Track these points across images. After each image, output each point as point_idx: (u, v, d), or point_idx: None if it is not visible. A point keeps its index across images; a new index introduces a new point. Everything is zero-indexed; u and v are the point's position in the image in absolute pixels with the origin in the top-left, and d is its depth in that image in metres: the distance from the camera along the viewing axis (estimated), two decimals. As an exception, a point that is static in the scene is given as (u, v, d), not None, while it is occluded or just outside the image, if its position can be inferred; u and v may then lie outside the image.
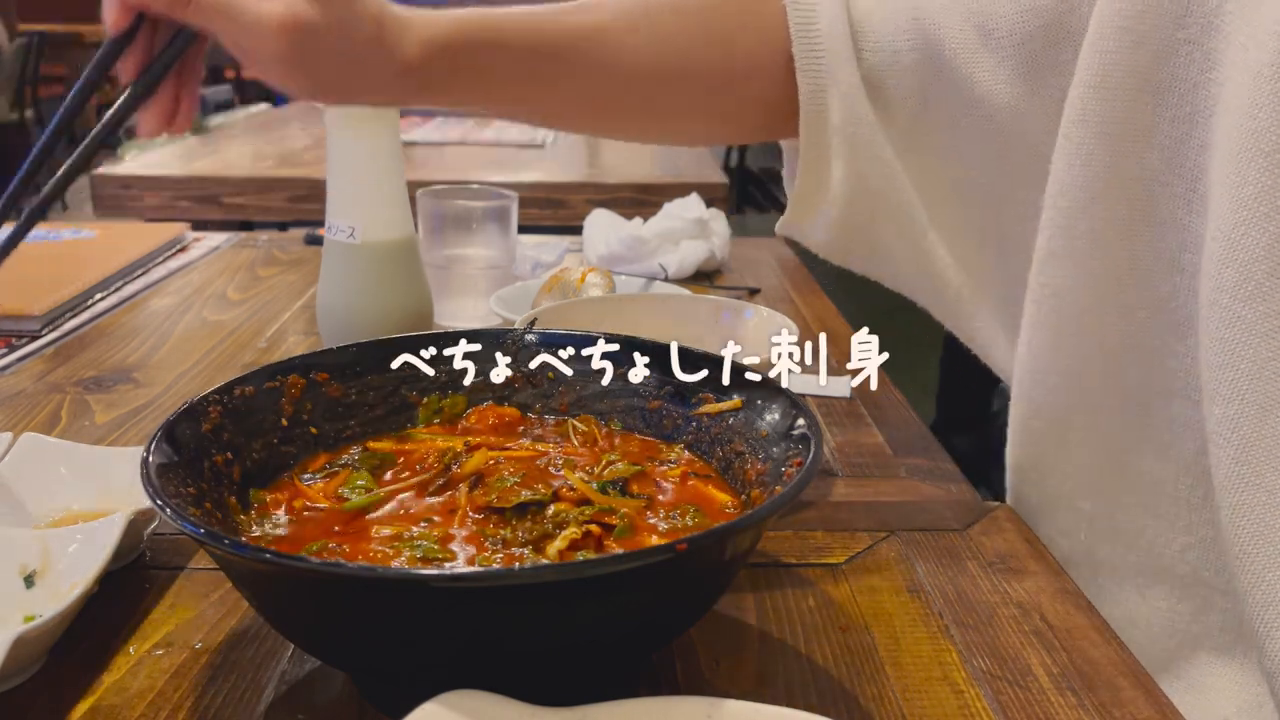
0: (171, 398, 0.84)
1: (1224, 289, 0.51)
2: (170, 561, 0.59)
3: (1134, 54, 0.56)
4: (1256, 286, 0.50)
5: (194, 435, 0.50)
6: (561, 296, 0.88)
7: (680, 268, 1.18)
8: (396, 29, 0.62)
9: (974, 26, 0.64)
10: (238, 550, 0.40)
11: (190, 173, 1.82)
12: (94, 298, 1.09)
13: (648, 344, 0.60)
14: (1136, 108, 0.57)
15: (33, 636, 0.46)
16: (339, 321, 0.83)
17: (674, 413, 0.58)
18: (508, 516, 0.50)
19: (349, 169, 0.81)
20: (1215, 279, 0.52)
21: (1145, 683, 0.50)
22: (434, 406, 0.60)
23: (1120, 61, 0.56)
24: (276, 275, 1.22)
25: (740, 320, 0.73)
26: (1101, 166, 0.59)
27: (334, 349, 0.60)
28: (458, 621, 0.39)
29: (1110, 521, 0.65)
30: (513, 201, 1.05)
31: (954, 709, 0.48)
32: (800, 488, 0.45)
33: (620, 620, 0.42)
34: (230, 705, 0.47)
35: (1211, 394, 0.53)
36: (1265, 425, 0.50)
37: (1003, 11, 0.63)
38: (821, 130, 0.71)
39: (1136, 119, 0.57)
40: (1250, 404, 0.51)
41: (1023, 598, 0.57)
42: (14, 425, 0.77)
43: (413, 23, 0.63)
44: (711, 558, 0.43)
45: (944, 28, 0.65)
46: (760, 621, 0.54)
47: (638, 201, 1.78)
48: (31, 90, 5.30)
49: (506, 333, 0.63)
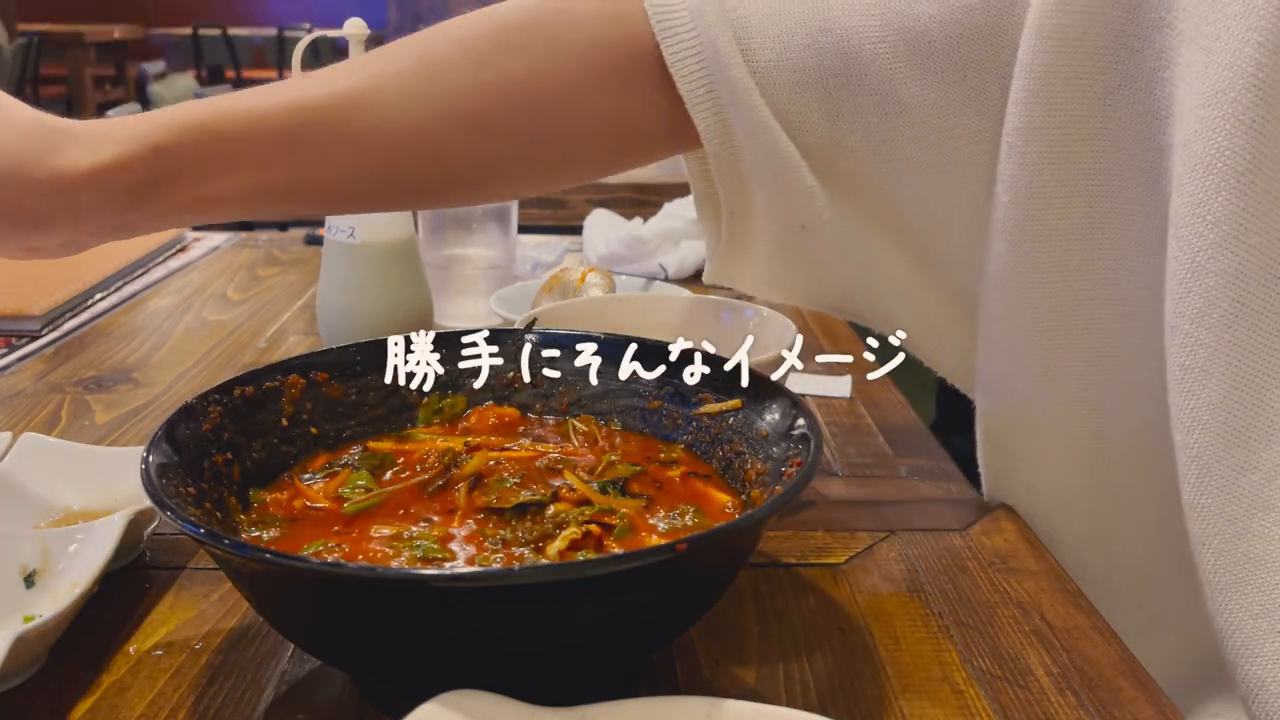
0: (171, 398, 0.84)
1: (1185, 315, 0.49)
2: (170, 561, 0.59)
3: (1079, 55, 0.53)
4: (1222, 315, 0.47)
5: (194, 435, 0.50)
6: (561, 296, 0.88)
7: (680, 268, 1.18)
8: (66, 136, 0.53)
9: (896, 32, 0.58)
10: (238, 550, 0.40)
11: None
12: (94, 298, 1.09)
13: (647, 344, 0.60)
14: (1084, 111, 0.54)
15: (33, 636, 0.46)
16: (339, 321, 0.83)
17: (674, 413, 0.58)
18: (508, 517, 0.50)
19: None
20: (1177, 303, 0.49)
21: (1145, 683, 0.50)
22: (434, 406, 0.60)
23: (1064, 64, 0.53)
24: (276, 275, 1.22)
25: (740, 320, 0.73)
26: (1050, 176, 0.56)
27: (334, 349, 0.60)
28: (458, 621, 0.39)
29: (1080, 529, 0.64)
30: (513, 202, 1.05)
31: (954, 709, 0.48)
32: (800, 488, 0.45)
33: (620, 620, 0.42)
34: (230, 705, 0.47)
35: (1174, 421, 0.51)
36: (1226, 457, 0.48)
37: (930, 13, 0.57)
38: (737, 172, 0.64)
39: (1085, 123, 0.54)
40: (1212, 434, 0.48)
41: (1023, 598, 0.57)
42: (14, 425, 0.77)
43: (103, 129, 0.54)
44: (711, 558, 0.43)
45: (861, 39, 0.59)
46: (760, 621, 0.54)
47: (638, 201, 1.78)
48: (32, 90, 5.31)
49: (506, 333, 0.63)
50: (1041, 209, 0.57)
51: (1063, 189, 0.56)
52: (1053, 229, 0.57)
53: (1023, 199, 0.57)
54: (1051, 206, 0.57)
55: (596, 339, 0.61)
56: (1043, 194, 0.56)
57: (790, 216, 0.65)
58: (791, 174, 0.63)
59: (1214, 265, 0.47)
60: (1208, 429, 0.49)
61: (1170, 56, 0.50)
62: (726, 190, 0.66)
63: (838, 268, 0.68)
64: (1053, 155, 0.55)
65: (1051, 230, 0.57)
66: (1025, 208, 0.57)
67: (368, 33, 0.79)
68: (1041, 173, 0.56)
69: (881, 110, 0.60)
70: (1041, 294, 0.59)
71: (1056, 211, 0.57)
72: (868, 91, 0.60)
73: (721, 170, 0.65)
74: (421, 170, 0.61)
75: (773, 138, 0.62)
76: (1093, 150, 0.55)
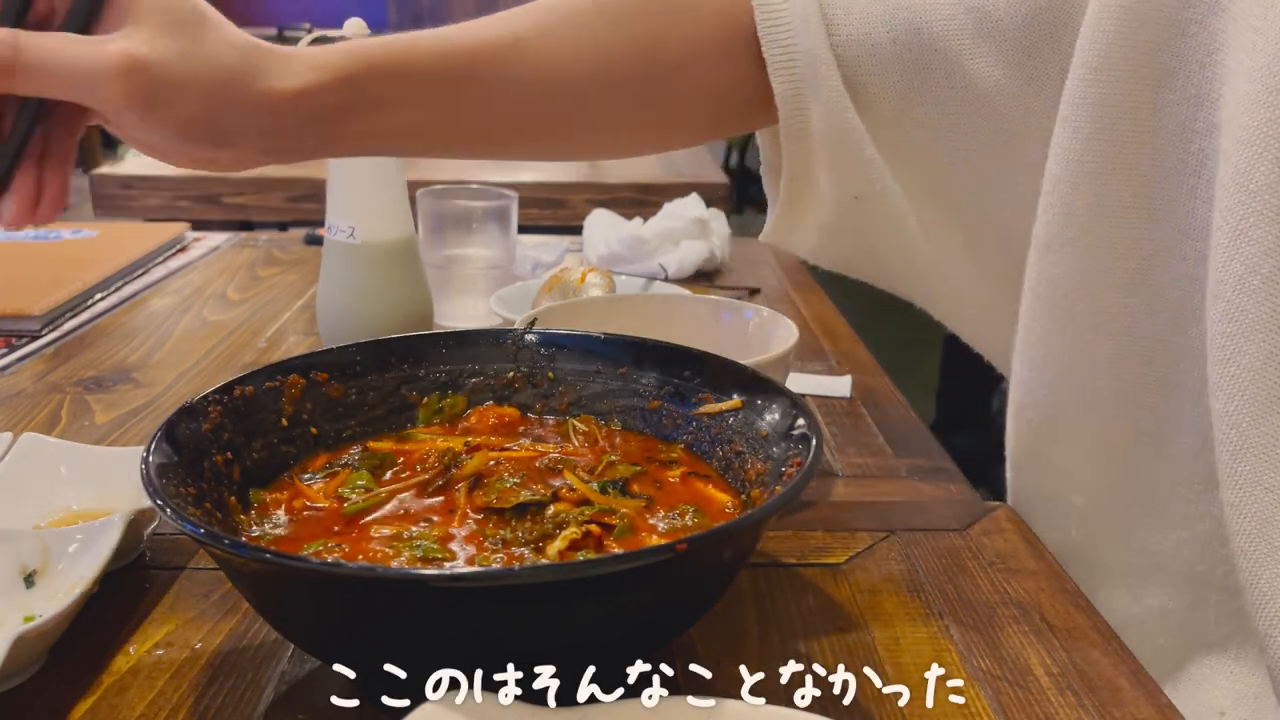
0: (171, 398, 0.84)
1: (1227, 282, 0.51)
2: (170, 561, 0.59)
3: (1136, 36, 0.55)
4: (1263, 281, 0.49)
5: (194, 435, 0.50)
6: (561, 296, 0.88)
7: (680, 268, 1.18)
8: (272, 58, 0.57)
9: (967, 12, 0.62)
10: (238, 550, 0.40)
11: (190, 173, 1.82)
12: (94, 298, 1.09)
13: (647, 344, 0.60)
14: (1138, 91, 0.56)
15: (33, 636, 0.46)
16: (339, 321, 0.83)
17: (674, 413, 0.58)
18: (508, 517, 0.50)
19: (349, 169, 0.81)
20: (1220, 271, 0.51)
21: (1145, 682, 0.50)
22: (434, 406, 0.60)
23: (1121, 44, 0.55)
24: (276, 275, 1.22)
25: (740, 320, 0.73)
26: (1101, 151, 0.58)
27: (334, 349, 0.60)
28: (458, 621, 0.39)
29: (1103, 518, 0.65)
30: (513, 201, 1.05)
31: (954, 709, 0.48)
32: (800, 488, 0.45)
33: (620, 620, 0.42)
34: (230, 705, 0.47)
35: (1213, 388, 0.52)
36: (1265, 423, 0.50)
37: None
38: (804, 139, 0.69)
39: (1138, 103, 0.56)
40: (1251, 400, 0.50)
41: (1023, 598, 0.57)
42: (14, 425, 0.77)
43: (297, 54, 0.58)
44: (711, 558, 0.43)
45: (934, 17, 0.63)
46: (760, 621, 0.54)
47: (638, 201, 1.78)
48: (31, 90, 5.30)
49: (506, 333, 0.63)
50: (1092, 184, 0.58)
51: (1113, 166, 0.58)
52: (1101, 205, 0.59)
53: (1074, 172, 0.59)
54: (1102, 182, 0.58)
55: (596, 339, 0.61)
56: (1094, 170, 0.58)
57: (847, 186, 0.69)
58: (854, 145, 0.67)
59: (1256, 233, 0.49)
60: (1246, 395, 0.50)
61: (1223, 39, 0.52)
62: (790, 155, 0.69)
63: (888, 239, 0.71)
64: (1106, 132, 0.57)
65: (1100, 206, 0.59)
66: (1075, 182, 0.59)
67: (367, 33, 0.79)
68: (1092, 146, 0.58)
69: (950, 87, 0.64)
70: (1087, 267, 0.60)
71: (1107, 188, 0.58)
72: (938, 69, 0.63)
73: (789, 135, 0.68)
74: (563, 118, 0.67)
75: (842, 108, 0.66)
76: (1144, 130, 0.57)
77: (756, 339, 0.70)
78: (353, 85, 0.58)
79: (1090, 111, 0.57)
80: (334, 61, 0.58)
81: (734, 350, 0.59)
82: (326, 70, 0.57)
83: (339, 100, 0.58)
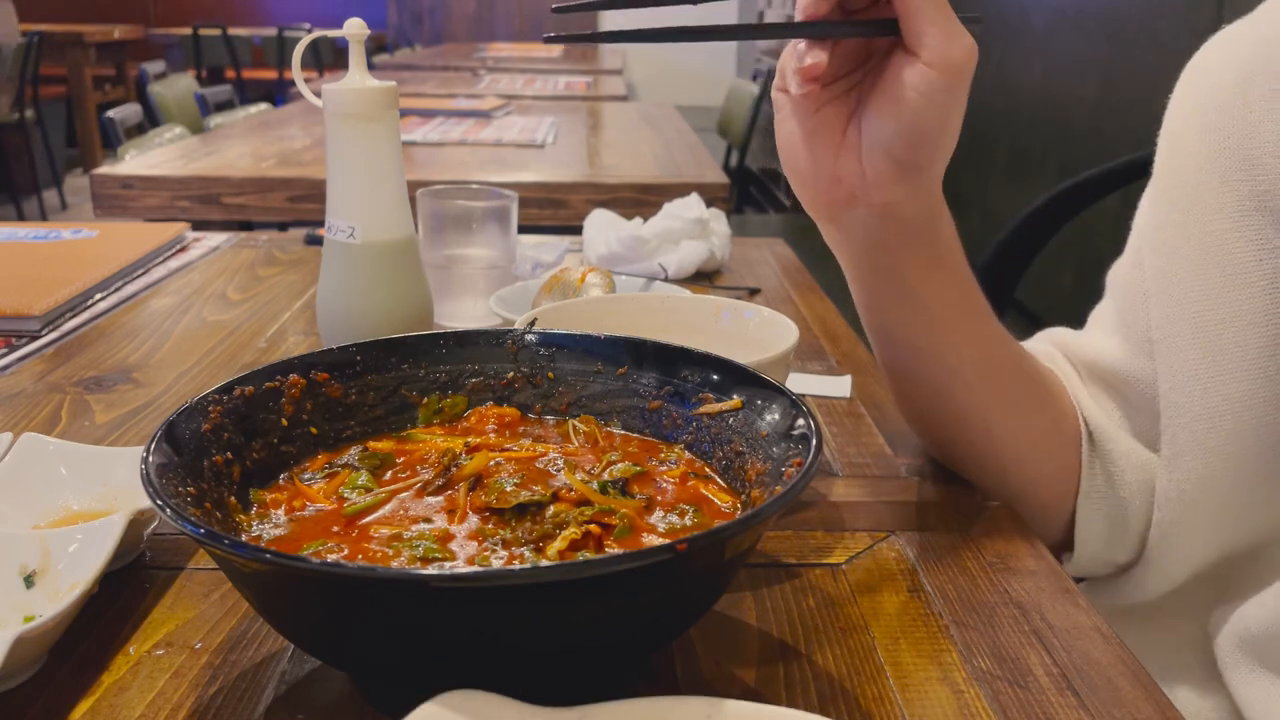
0: (171, 398, 0.84)
1: None
2: (170, 561, 0.59)
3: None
4: None
5: (194, 435, 0.50)
6: (561, 296, 0.88)
7: (680, 268, 1.18)
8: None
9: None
10: (238, 550, 0.40)
11: (190, 173, 1.82)
12: (94, 298, 1.09)
13: (647, 344, 0.60)
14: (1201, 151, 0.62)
15: (33, 636, 0.46)
16: (339, 321, 0.83)
17: (674, 413, 0.58)
18: (508, 517, 0.50)
19: (349, 169, 0.81)
20: None
21: (1145, 683, 0.50)
22: (434, 407, 0.60)
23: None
24: (276, 275, 1.22)
25: (740, 320, 0.73)
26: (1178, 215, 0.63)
27: (334, 349, 0.60)
28: (458, 621, 0.39)
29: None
30: (513, 201, 1.05)
31: (954, 709, 0.48)
32: (800, 488, 0.45)
33: (620, 620, 0.42)
34: (230, 705, 0.47)
35: None
36: None
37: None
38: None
39: (1201, 166, 0.62)
40: None
41: (1023, 598, 0.57)
42: (14, 425, 0.77)
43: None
44: (711, 558, 0.43)
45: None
46: (760, 621, 0.54)
47: (638, 201, 1.78)
48: (32, 90, 5.30)
49: (506, 333, 0.63)
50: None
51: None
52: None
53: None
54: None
55: (596, 339, 0.61)
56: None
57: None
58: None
59: None
60: None
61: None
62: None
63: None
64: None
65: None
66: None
67: (367, 33, 0.79)
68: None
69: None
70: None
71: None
72: None
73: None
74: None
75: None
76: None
77: (756, 339, 0.70)
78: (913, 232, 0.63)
79: (1164, 186, 0.66)
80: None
81: (734, 350, 0.59)
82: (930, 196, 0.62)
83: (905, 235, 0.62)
